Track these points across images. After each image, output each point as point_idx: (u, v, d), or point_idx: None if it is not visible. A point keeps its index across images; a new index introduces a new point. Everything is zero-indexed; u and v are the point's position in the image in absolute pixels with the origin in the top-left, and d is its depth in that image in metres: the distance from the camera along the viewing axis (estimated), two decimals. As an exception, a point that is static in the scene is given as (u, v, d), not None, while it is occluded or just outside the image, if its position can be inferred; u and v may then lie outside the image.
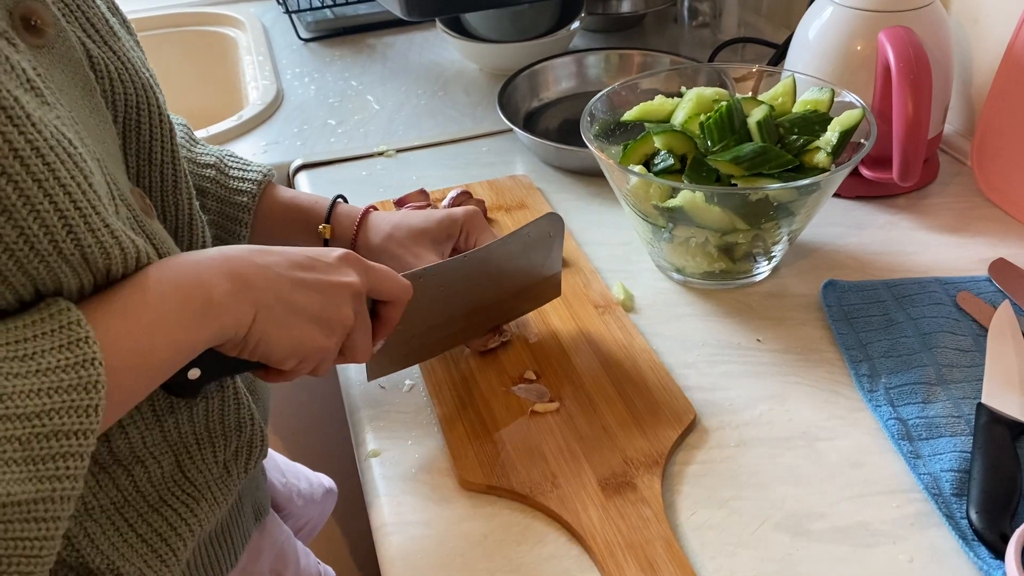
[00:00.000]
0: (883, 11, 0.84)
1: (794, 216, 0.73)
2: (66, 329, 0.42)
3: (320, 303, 0.54)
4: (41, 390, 0.41)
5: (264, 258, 0.52)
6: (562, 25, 1.21)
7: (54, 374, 0.41)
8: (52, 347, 0.42)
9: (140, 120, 0.55)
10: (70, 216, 0.43)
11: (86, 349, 0.42)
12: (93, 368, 0.42)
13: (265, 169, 0.74)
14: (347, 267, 0.56)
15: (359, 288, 0.56)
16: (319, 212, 0.73)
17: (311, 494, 0.83)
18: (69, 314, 0.43)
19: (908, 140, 0.79)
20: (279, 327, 0.52)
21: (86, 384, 0.42)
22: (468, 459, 0.63)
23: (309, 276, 0.54)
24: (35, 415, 0.40)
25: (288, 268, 0.53)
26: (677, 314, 0.77)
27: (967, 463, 0.60)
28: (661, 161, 0.76)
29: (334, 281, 0.55)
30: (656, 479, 0.60)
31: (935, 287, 0.77)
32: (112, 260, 0.45)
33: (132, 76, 0.54)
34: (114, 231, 0.45)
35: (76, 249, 0.44)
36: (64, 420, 0.41)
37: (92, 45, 0.52)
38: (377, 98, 1.17)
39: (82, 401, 0.42)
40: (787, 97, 0.79)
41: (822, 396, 0.68)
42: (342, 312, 0.55)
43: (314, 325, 0.54)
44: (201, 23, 1.41)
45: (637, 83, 0.85)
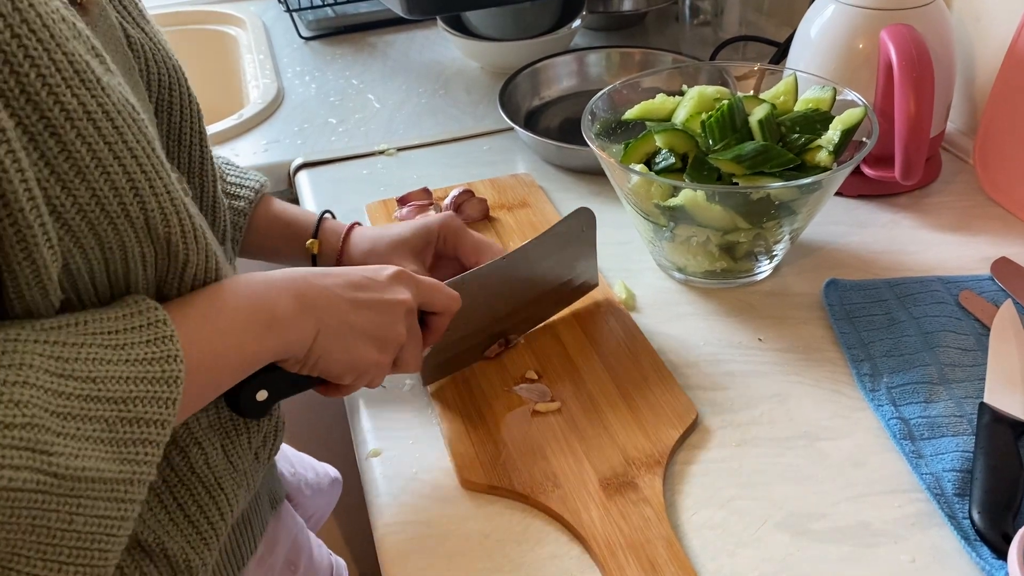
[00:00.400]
0: (885, 9, 0.83)
1: (796, 215, 0.73)
2: (154, 326, 0.45)
3: (376, 321, 0.57)
4: (129, 378, 0.43)
5: (325, 280, 0.56)
6: (563, 23, 1.21)
7: (141, 365, 0.44)
8: (141, 340, 0.45)
9: (172, 101, 0.57)
10: (137, 179, 0.44)
11: (170, 346, 0.45)
12: (175, 364, 0.45)
13: (261, 179, 0.75)
14: (399, 285, 0.59)
15: (411, 304, 0.60)
16: (307, 227, 0.74)
17: (318, 484, 0.84)
18: (156, 312, 0.46)
19: (910, 138, 0.79)
20: (338, 344, 0.55)
21: (168, 378, 0.45)
22: (469, 458, 0.63)
23: (365, 296, 0.57)
24: (122, 400, 0.43)
25: (346, 289, 0.56)
26: (678, 313, 0.77)
27: (969, 463, 0.60)
28: (662, 160, 0.76)
29: (388, 299, 0.58)
30: (657, 479, 0.60)
31: (937, 286, 0.76)
32: (171, 228, 0.47)
33: (164, 58, 0.56)
34: (174, 198, 0.47)
35: (141, 213, 0.45)
36: (147, 408, 0.44)
37: (128, 25, 0.54)
38: (378, 97, 1.16)
39: (163, 393, 0.44)
40: (789, 96, 0.79)
41: (824, 395, 0.68)
42: (396, 329, 0.58)
43: (370, 342, 0.57)
44: (202, 21, 1.41)
45: (638, 82, 0.85)
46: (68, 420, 0.41)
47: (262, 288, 0.53)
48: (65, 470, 0.40)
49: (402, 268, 0.61)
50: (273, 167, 1.03)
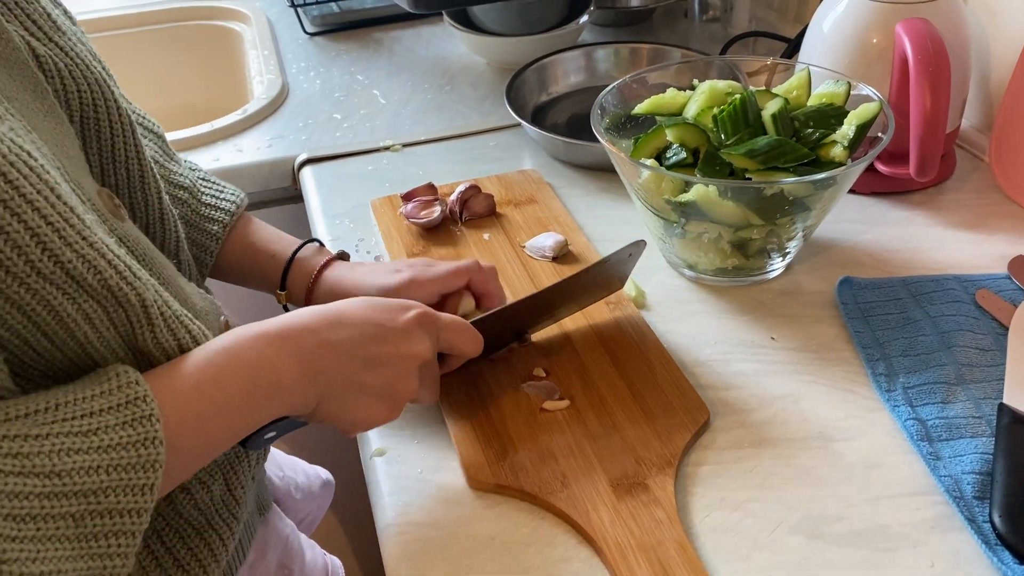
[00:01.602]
0: (900, 2, 0.82)
1: (809, 211, 0.72)
2: (132, 405, 0.42)
3: (389, 378, 0.54)
4: (100, 467, 0.40)
5: (337, 333, 0.52)
6: (571, 19, 1.19)
7: (115, 451, 0.41)
8: (116, 423, 0.42)
9: (98, 117, 0.54)
10: (42, 233, 0.41)
11: (149, 427, 0.42)
12: (153, 447, 0.42)
13: (238, 198, 0.72)
14: (420, 332, 0.56)
15: (429, 356, 0.57)
16: (277, 266, 0.70)
17: (308, 487, 0.83)
18: (136, 388, 0.43)
19: (926, 135, 0.77)
20: (346, 405, 0.53)
21: (144, 463, 0.42)
22: (476, 458, 0.62)
23: (380, 350, 0.54)
24: (92, 492, 0.40)
25: (360, 344, 0.53)
26: (689, 311, 0.75)
27: (989, 465, 0.59)
28: (673, 155, 0.75)
29: (404, 353, 0.55)
30: (669, 480, 0.59)
31: (953, 285, 0.75)
32: (103, 273, 0.43)
33: (83, 71, 0.52)
34: (93, 243, 0.43)
35: (56, 267, 0.41)
36: (119, 499, 0.41)
37: (37, 43, 0.50)
38: (383, 92, 1.15)
39: (139, 480, 0.42)
40: (802, 90, 0.77)
41: (838, 396, 0.66)
42: (409, 385, 0.56)
43: (380, 399, 0.55)
44: (207, 17, 1.40)
45: (648, 76, 0.84)
46: (27, 522, 0.38)
47: (266, 353, 0.49)
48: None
49: (424, 311, 0.57)
50: (277, 163, 1.02)
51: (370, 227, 0.89)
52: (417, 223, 0.86)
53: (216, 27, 1.40)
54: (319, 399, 0.51)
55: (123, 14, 1.38)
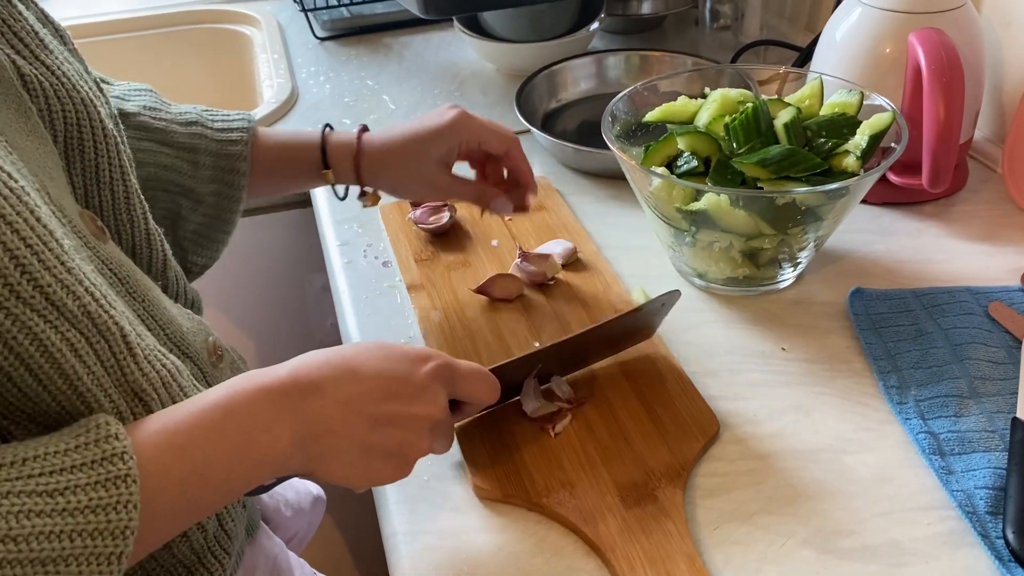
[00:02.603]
0: (913, 12, 0.82)
1: (821, 221, 0.71)
2: (108, 462, 0.39)
3: (399, 439, 0.50)
4: (63, 532, 0.37)
5: (347, 390, 0.48)
6: (581, 26, 1.19)
7: (82, 515, 0.38)
8: (88, 482, 0.38)
9: (83, 138, 0.52)
10: (21, 255, 0.39)
11: (123, 490, 0.39)
12: (126, 512, 0.39)
13: (246, 115, 0.73)
14: (436, 387, 0.52)
15: (442, 417, 0.52)
16: (312, 148, 0.72)
17: (299, 504, 0.81)
18: (115, 444, 0.40)
19: (939, 145, 0.77)
20: (351, 467, 0.49)
21: (115, 530, 0.38)
22: (483, 466, 0.61)
23: (391, 409, 0.50)
24: (50, 560, 0.37)
25: (371, 402, 0.49)
26: (699, 321, 0.75)
27: (1002, 480, 0.58)
28: (684, 163, 0.74)
29: (417, 413, 0.51)
30: (678, 491, 0.58)
31: (966, 297, 0.74)
32: (81, 299, 0.42)
33: (69, 92, 0.51)
34: (70, 268, 0.42)
35: (36, 290, 0.40)
36: (82, 568, 0.37)
37: (23, 62, 0.49)
38: (393, 98, 1.15)
39: (106, 548, 0.38)
40: (814, 99, 0.77)
41: (849, 408, 0.66)
42: (420, 446, 0.52)
43: (389, 460, 0.50)
44: (217, 20, 1.41)
45: (659, 84, 0.83)
46: None
47: (264, 412, 0.45)
48: None
49: (444, 362, 0.53)
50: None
51: (378, 232, 0.88)
52: (426, 228, 0.86)
53: (226, 31, 1.40)
54: (319, 461, 0.48)
55: (133, 17, 1.38)
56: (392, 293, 0.80)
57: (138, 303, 0.51)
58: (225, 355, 0.60)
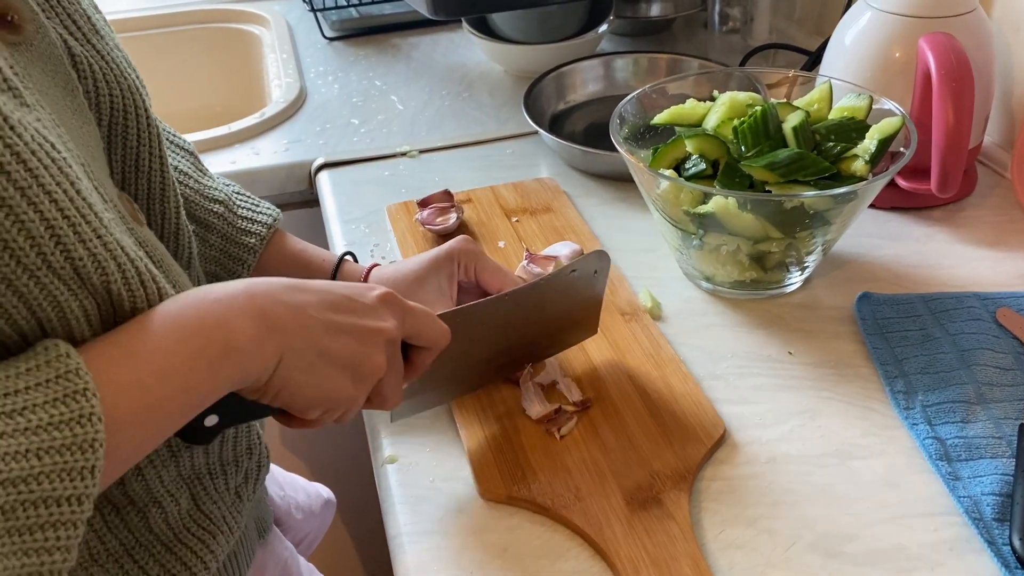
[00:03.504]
0: (924, 17, 0.81)
1: (829, 225, 0.71)
2: (63, 379, 0.39)
3: (352, 349, 0.50)
4: (29, 451, 0.37)
5: (296, 296, 0.48)
6: (590, 28, 1.19)
7: (45, 432, 0.37)
8: (45, 400, 0.38)
9: (127, 124, 0.52)
10: (57, 226, 0.40)
11: (83, 403, 0.38)
12: (90, 424, 0.38)
13: (275, 212, 0.71)
14: (386, 309, 0.52)
15: (395, 334, 0.52)
16: (325, 272, 0.69)
17: (309, 506, 0.81)
18: (68, 361, 0.39)
19: (948, 150, 0.77)
20: (306, 374, 0.48)
21: (81, 443, 0.38)
22: (488, 468, 0.61)
23: (344, 320, 0.49)
24: (21, 480, 0.36)
25: (322, 309, 0.49)
26: (706, 324, 0.75)
27: (1009, 487, 0.58)
28: (692, 166, 0.74)
29: (370, 326, 0.51)
30: (683, 495, 0.58)
31: (973, 302, 0.74)
32: (109, 275, 0.42)
33: (117, 77, 0.52)
34: (107, 243, 0.42)
35: (67, 262, 0.40)
36: (55, 485, 0.37)
37: (74, 43, 0.49)
38: (401, 98, 1.15)
39: (76, 462, 0.38)
40: (823, 103, 0.77)
41: (856, 412, 0.65)
42: (374, 360, 0.51)
43: (344, 372, 0.50)
44: (226, 20, 1.41)
45: (667, 87, 0.83)
46: None
47: (216, 310, 0.44)
48: None
49: (391, 291, 0.53)
50: (294, 167, 1.02)
51: (385, 232, 0.89)
52: (433, 229, 0.86)
53: (235, 30, 1.40)
54: (276, 364, 0.46)
55: (142, 16, 1.38)
56: (399, 293, 0.80)
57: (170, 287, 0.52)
58: None
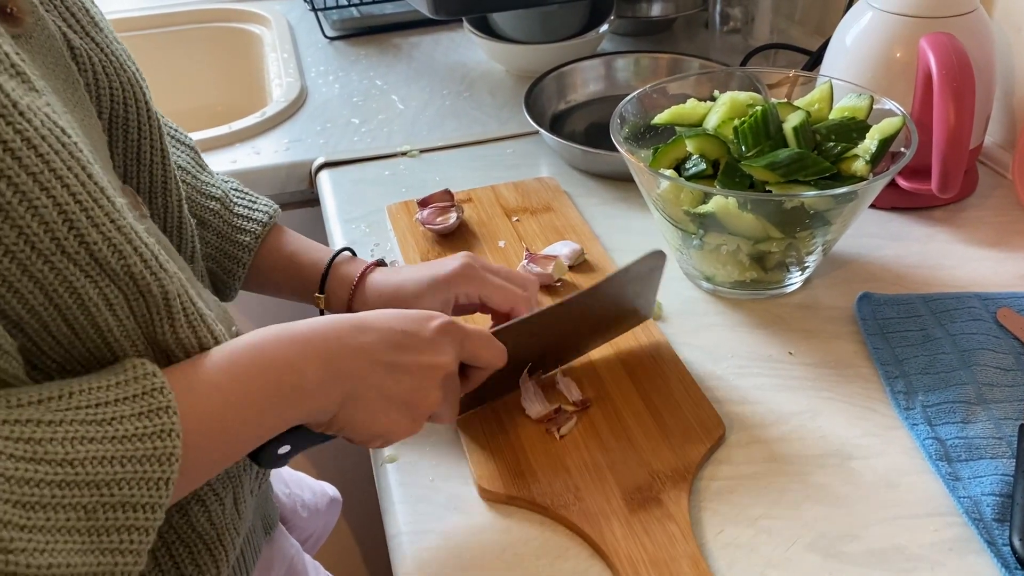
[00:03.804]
0: (925, 17, 0.81)
1: (830, 225, 0.71)
2: (149, 395, 0.41)
3: (410, 387, 0.53)
4: (114, 457, 0.39)
5: (360, 338, 0.51)
6: (591, 28, 1.19)
7: (130, 442, 0.40)
8: (132, 413, 0.41)
9: (128, 116, 0.53)
10: (71, 210, 0.40)
11: (165, 419, 0.41)
12: (170, 440, 0.41)
13: (271, 209, 0.71)
14: (445, 342, 0.55)
15: (452, 367, 0.55)
16: (314, 273, 0.69)
17: (315, 505, 0.81)
18: (153, 379, 0.42)
19: (949, 150, 0.76)
20: (367, 413, 0.51)
21: (160, 456, 0.41)
22: (488, 468, 0.61)
23: (403, 359, 0.52)
24: (105, 483, 0.39)
25: (384, 351, 0.52)
26: (706, 324, 0.74)
27: (1009, 487, 0.58)
28: (693, 165, 0.74)
29: (428, 363, 0.53)
30: (683, 495, 0.58)
31: (974, 302, 0.74)
32: (127, 258, 0.42)
33: (117, 69, 0.52)
34: (120, 226, 0.42)
35: (81, 247, 0.41)
36: (133, 491, 0.40)
37: (73, 35, 0.50)
38: (401, 98, 1.15)
39: (154, 473, 0.40)
40: (824, 103, 0.77)
41: (856, 413, 0.65)
42: (432, 396, 0.54)
43: (402, 409, 0.53)
44: (227, 19, 1.41)
45: (668, 87, 0.83)
46: (36, 511, 0.37)
47: (290, 353, 0.48)
48: (27, 569, 0.35)
49: (450, 321, 0.55)
50: (294, 166, 1.02)
51: (385, 232, 0.89)
52: (433, 229, 0.86)
53: (236, 29, 1.40)
54: (341, 405, 0.50)
55: (143, 15, 1.38)
56: (399, 293, 0.80)
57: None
58: None
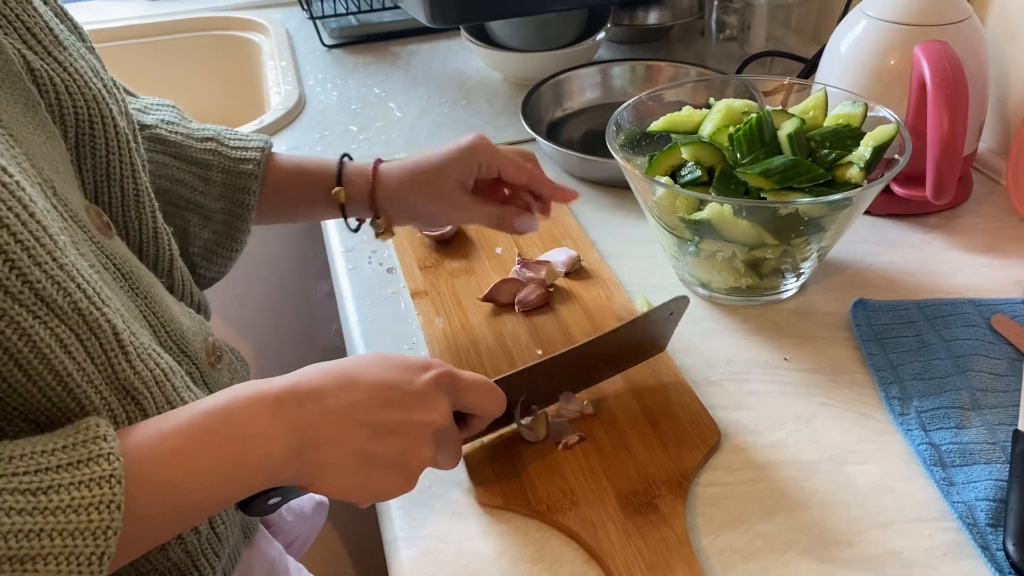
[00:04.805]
0: (919, 24, 0.82)
1: (824, 232, 0.71)
2: (93, 462, 0.39)
3: (399, 448, 0.49)
4: (44, 531, 0.37)
5: (344, 397, 0.48)
6: (587, 36, 1.20)
7: (63, 514, 0.37)
8: (72, 482, 0.38)
9: (94, 134, 0.53)
10: (11, 250, 0.40)
11: (107, 489, 0.38)
12: (108, 512, 0.38)
13: (264, 138, 0.73)
14: (437, 395, 0.51)
15: (445, 422, 0.52)
16: (328, 173, 0.71)
17: (301, 508, 0.81)
18: (102, 444, 0.40)
19: (943, 157, 0.77)
20: (351, 478, 0.48)
21: (96, 530, 0.38)
22: (484, 473, 0.61)
23: (391, 416, 0.49)
24: (28, 558, 0.36)
25: (370, 409, 0.48)
26: (702, 330, 0.75)
27: (1003, 492, 0.58)
28: (688, 173, 0.75)
29: (418, 420, 0.50)
30: (679, 500, 0.58)
31: (969, 308, 0.74)
32: (72, 295, 0.42)
33: (81, 88, 0.52)
34: (62, 264, 0.42)
35: (25, 286, 0.40)
36: (62, 567, 0.37)
37: (33, 56, 0.50)
38: (399, 105, 1.16)
39: (86, 548, 0.38)
40: (818, 111, 0.77)
41: (851, 418, 0.66)
42: (422, 453, 0.50)
43: (391, 470, 0.49)
44: (226, 28, 1.41)
45: (664, 94, 0.84)
46: None
47: (262, 419, 0.45)
48: None
49: (445, 371, 0.52)
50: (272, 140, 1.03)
51: (383, 239, 0.89)
52: (430, 236, 0.86)
53: (235, 37, 1.41)
54: (317, 473, 0.47)
55: (142, 23, 1.39)
56: (396, 299, 0.81)
57: (140, 299, 0.52)
58: (224, 356, 0.61)
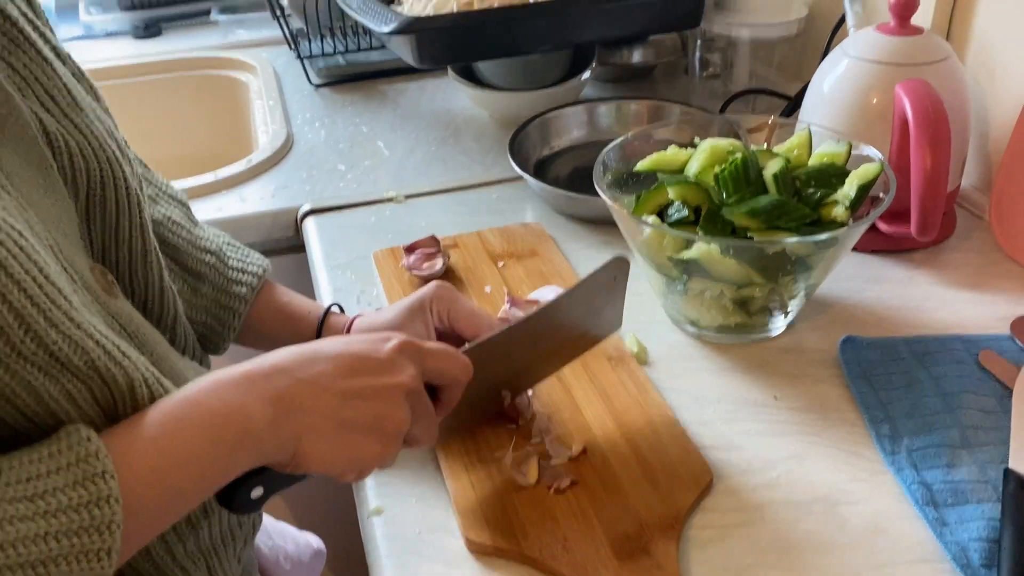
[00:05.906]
0: (899, 64, 0.83)
1: (811, 270, 0.72)
2: (84, 462, 0.40)
3: (373, 411, 0.50)
4: (48, 534, 0.38)
5: (311, 369, 0.49)
6: (573, 75, 1.21)
7: (64, 515, 0.39)
8: (66, 483, 0.39)
9: (105, 196, 0.53)
10: (27, 313, 0.40)
11: (102, 485, 0.40)
12: (108, 507, 0.40)
13: (264, 263, 0.73)
14: (403, 359, 0.53)
15: (414, 384, 0.53)
16: (311, 321, 0.70)
17: (298, 557, 0.80)
18: (88, 445, 0.41)
19: (927, 194, 0.78)
20: (330, 445, 0.49)
21: (99, 525, 0.39)
22: (475, 519, 0.61)
23: (360, 383, 0.50)
24: (40, 562, 0.38)
25: (337, 377, 0.49)
26: (691, 368, 0.75)
27: (996, 532, 0.58)
28: (675, 212, 0.75)
29: (387, 384, 0.51)
30: (672, 544, 0.58)
31: (956, 345, 0.75)
32: (90, 353, 0.43)
33: (95, 150, 0.52)
34: (79, 323, 0.43)
35: (39, 348, 0.41)
36: (73, 567, 0.38)
37: (50, 119, 0.50)
38: (387, 144, 1.16)
39: (93, 544, 0.39)
40: (803, 149, 0.78)
41: (842, 457, 0.65)
42: (397, 416, 0.52)
43: (368, 435, 0.50)
44: (213, 67, 1.42)
45: (650, 133, 0.84)
46: None
47: (231, 397, 0.46)
48: None
49: (408, 339, 0.54)
50: (280, 213, 1.03)
51: (372, 278, 0.89)
52: (419, 275, 0.86)
53: (222, 77, 1.41)
54: (297, 443, 0.48)
55: (131, 63, 1.40)
56: (385, 340, 0.80)
57: (146, 355, 0.52)
58: None
